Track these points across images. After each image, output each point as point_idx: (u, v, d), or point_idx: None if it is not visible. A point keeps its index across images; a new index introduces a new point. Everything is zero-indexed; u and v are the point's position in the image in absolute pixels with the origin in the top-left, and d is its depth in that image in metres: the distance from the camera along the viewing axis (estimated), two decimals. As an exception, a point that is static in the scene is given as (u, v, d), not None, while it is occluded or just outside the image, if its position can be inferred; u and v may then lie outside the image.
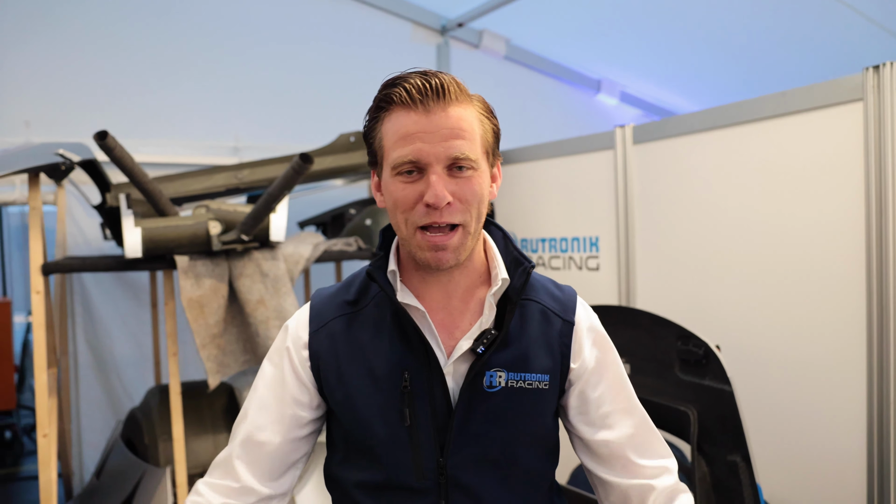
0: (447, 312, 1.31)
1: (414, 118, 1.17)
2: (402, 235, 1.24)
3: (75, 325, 4.09)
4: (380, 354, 1.29)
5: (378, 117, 1.24)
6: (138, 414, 3.42)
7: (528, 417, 1.30)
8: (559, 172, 3.44)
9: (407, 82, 1.18)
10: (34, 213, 2.73)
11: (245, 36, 4.55)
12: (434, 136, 1.17)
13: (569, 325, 1.35)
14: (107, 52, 4.17)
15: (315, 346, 1.33)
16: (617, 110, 6.14)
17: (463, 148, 1.18)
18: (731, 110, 2.67)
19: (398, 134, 1.19)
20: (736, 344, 2.62)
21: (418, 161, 1.17)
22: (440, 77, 1.19)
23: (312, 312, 1.37)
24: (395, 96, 1.19)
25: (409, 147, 1.17)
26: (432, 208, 1.17)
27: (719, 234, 2.73)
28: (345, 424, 1.32)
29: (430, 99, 1.17)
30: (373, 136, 1.26)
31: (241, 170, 3.44)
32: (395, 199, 1.21)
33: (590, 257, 3.30)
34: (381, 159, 1.25)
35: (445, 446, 1.26)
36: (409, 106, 1.18)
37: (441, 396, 1.26)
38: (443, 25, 5.18)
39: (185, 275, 2.88)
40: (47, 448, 2.76)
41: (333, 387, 1.31)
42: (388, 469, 1.27)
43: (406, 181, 1.19)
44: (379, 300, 1.34)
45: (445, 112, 1.18)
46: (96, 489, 3.46)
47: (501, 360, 1.28)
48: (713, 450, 2.12)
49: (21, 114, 3.94)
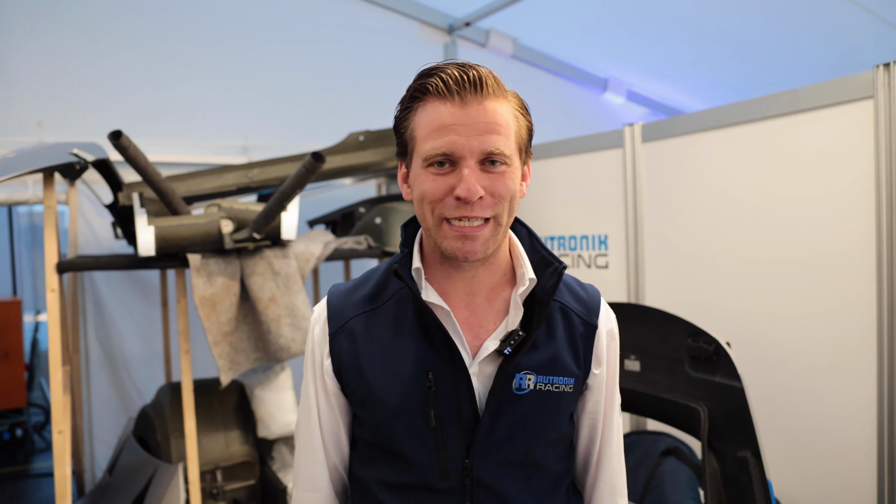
0: (471, 311, 1.27)
1: (450, 110, 1.14)
2: (428, 226, 1.20)
3: (86, 323, 4.12)
4: (402, 354, 1.25)
5: (411, 107, 1.20)
6: (150, 411, 3.45)
7: (551, 420, 1.29)
8: (568, 171, 3.45)
9: (444, 73, 1.14)
10: (49, 212, 2.76)
11: (254, 36, 4.57)
12: (469, 129, 1.13)
13: (592, 329, 1.32)
14: (117, 52, 4.20)
15: (336, 347, 1.30)
16: (624, 109, 6.15)
17: (498, 143, 1.14)
18: (741, 108, 2.68)
19: (432, 125, 1.15)
20: (745, 340, 2.63)
21: (452, 154, 1.14)
22: (478, 69, 1.15)
23: (330, 312, 1.34)
24: (430, 86, 1.15)
25: (443, 139, 1.14)
26: (463, 202, 1.14)
27: (728, 231, 2.74)
28: (367, 424, 1.30)
29: (467, 91, 1.13)
30: (404, 126, 1.22)
31: (251, 169, 3.46)
32: (423, 191, 1.17)
33: (599, 255, 3.31)
34: (412, 150, 1.21)
35: (471, 448, 1.23)
36: (445, 97, 1.14)
37: (467, 398, 1.23)
38: (450, 25, 5.20)
39: (197, 273, 2.90)
40: (62, 444, 2.78)
41: (355, 387, 1.29)
42: (412, 469, 1.25)
43: (437, 173, 1.16)
44: (400, 297, 1.30)
45: (482, 105, 1.14)
46: (109, 486, 3.49)
47: (531, 362, 1.25)
48: (723, 446, 2.13)
49: (33, 114, 3.98)
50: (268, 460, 3.42)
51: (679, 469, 2.60)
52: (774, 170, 2.57)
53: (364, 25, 4.93)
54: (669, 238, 2.98)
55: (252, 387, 3.42)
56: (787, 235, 2.53)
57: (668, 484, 2.56)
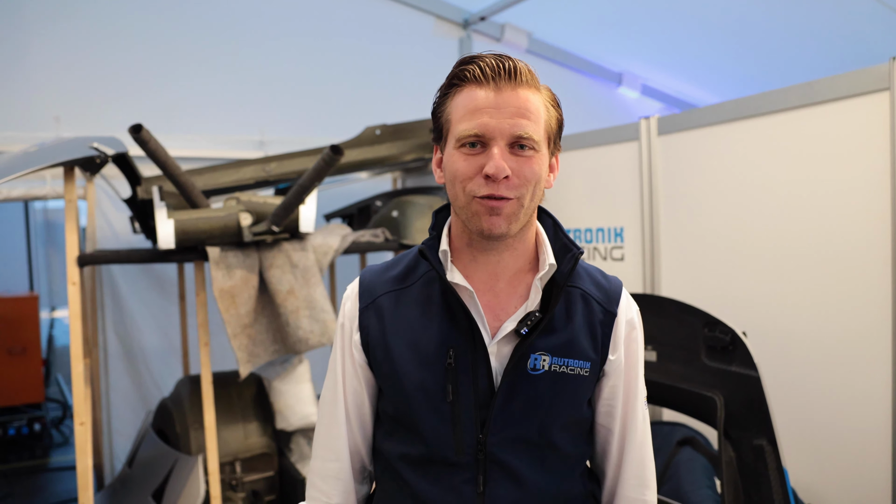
0: (494, 294, 1.33)
1: (484, 94, 1.21)
2: (459, 205, 1.26)
3: (105, 317, 4.15)
4: (426, 331, 1.31)
5: (448, 94, 1.27)
6: (169, 404, 3.48)
7: (567, 402, 1.32)
8: (584, 164, 3.45)
9: (482, 61, 1.22)
10: (70, 205, 2.78)
11: (269, 31, 4.60)
12: (501, 112, 1.20)
13: (611, 316, 1.36)
14: (133, 48, 4.24)
15: (364, 321, 1.37)
16: (638, 103, 6.14)
17: (527, 127, 1.21)
18: (757, 101, 2.68)
19: (466, 108, 1.22)
20: (761, 330, 2.63)
21: (483, 135, 1.20)
22: (514, 60, 1.23)
23: (362, 288, 1.40)
24: (468, 73, 1.22)
25: (475, 121, 1.20)
26: (491, 180, 1.19)
27: (744, 223, 2.74)
28: (390, 398, 1.35)
29: (502, 78, 1.20)
30: (441, 111, 1.29)
31: (268, 163, 3.49)
32: (455, 170, 1.24)
33: (615, 248, 3.32)
34: (447, 133, 1.27)
35: (486, 424, 1.28)
36: (482, 83, 1.21)
37: (484, 375, 1.28)
38: (465, 19, 5.21)
39: (216, 266, 2.93)
40: (84, 436, 2.81)
41: (380, 361, 1.34)
42: (429, 442, 1.30)
43: (468, 153, 1.22)
44: (428, 279, 1.36)
45: (515, 92, 1.21)
46: (129, 477, 3.52)
47: (547, 344, 1.29)
48: (740, 435, 2.13)
49: (51, 109, 4.01)
50: (286, 452, 3.45)
51: (695, 458, 2.61)
52: (789, 162, 2.57)
53: (379, 20, 4.95)
54: (685, 230, 2.99)
55: (270, 379, 3.45)
56: (802, 227, 2.53)
57: (684, 473, 2.57)
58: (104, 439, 4.15)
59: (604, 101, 5.97)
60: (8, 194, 3.85)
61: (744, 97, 2.73)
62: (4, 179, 2.37)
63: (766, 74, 5.57)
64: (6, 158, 2.68)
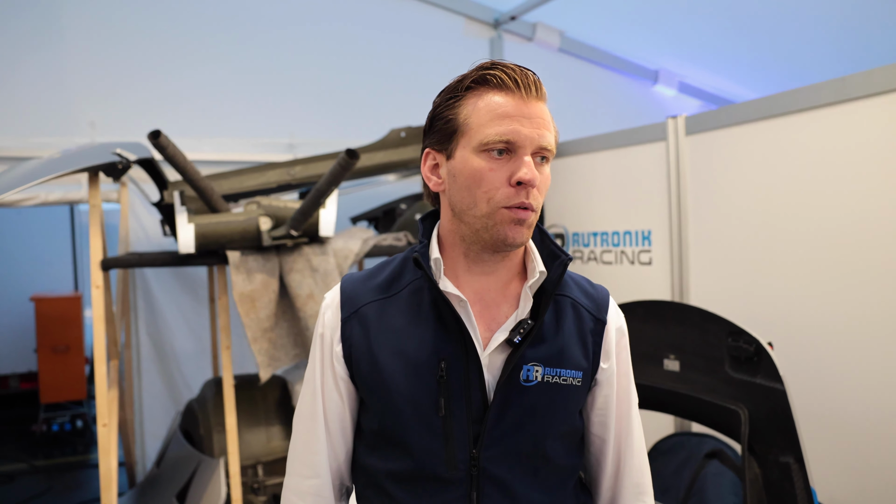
0: (484, 304, 1.30)
1: (513, 101, 1.19)
2: (477, 213, 1.22)
3: (137, 319, 4.21)
4: (416, 342, 1.28)
5: (462, 96, 1.24)
6: (195, 405, 3.51)
7: (560, 413, 1.30)
8: (610, 165, 3.38)
9: (507, 68, 1.21)
10: (94, 210, 2.82)
11: (299, 34, 4.62)
12: (531, 122, 1.19)
13: (601, 325, 1.35)
14: (167, 55, 4.30)
15: (347, 332, 1.33)
16: (675, 101, 6.01)
17: (550, 140, 1.21)
18: (787, 98, 2.57)
19: (494, 112, 1.19)
20: (794, 339, 2.53)
21: (514, 142, 1.18)
22: (533, 72, 1.23)
23: (343, 297, 1.36)
24: (492, 78, 1.20)
25: (507, 126, 1.18)
26: (523, 188, 1.18)
27: (775, 226, 2.64)
28: (376, 412, 1.31)
29: (529, 88, 1.20)
30: (451, 112, 1.24)
31: (293, 166, 3.49)
32: (479, 177, 1.20)
33: (642, 251, 3.24)
34: (460, 137, 1.23)
35: (479, 438, 1.25)
36: (509, 89, 1.20)
37: (477, 388, 1.25)
38: (496, 19, 5.16)
39: (236, 270, 2.94)
40: (107, 437, 2.85)
41: (366, 374, 1.30)
42: (419, 458, 1.27)
43: (495, 159, 1.20)
44: (414, 287, 1.33)
45: (538, 104, 1.21)
46: (156, 478, 3.57)
47: (538, 354, 1.27)
48: (765, 450, 2.05)
49: (86, 115, 4.09)
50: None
51: (723, 473, 2.52)
52: (823, 161, 2.46)
53: (409, 21, 4.93)
54: (714, 233, 2.89)
55: (293, 382, 3.45)
56: (835, 230, 2.42)
57: (711, 488, 2.49)
58: (137, 439, 4.22)
59: (639, 100, 5.86)
60: (45, 198, 3.93)
61: (773, 94, 2.63)
62: (25, 186, 2.41)
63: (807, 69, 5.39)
64: (32, 164, 2.72)
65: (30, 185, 2.47)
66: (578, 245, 3.60)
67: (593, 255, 3.50)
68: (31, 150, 3.71)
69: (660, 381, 2.39)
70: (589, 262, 3.53)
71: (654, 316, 2.44)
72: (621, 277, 3.33)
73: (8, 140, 3.86)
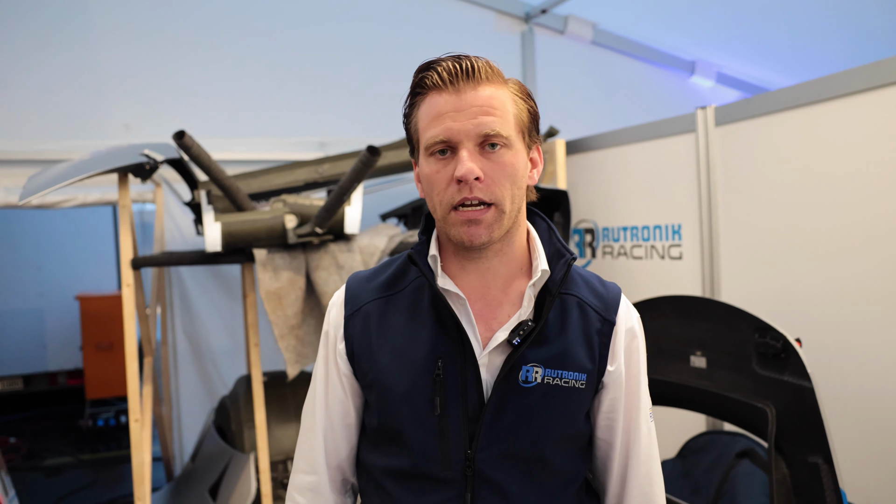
0: (485, 303, 1.28)
1: (445, 98, 1.18)
2: (438, 217, 1.23)
3: (174, 316, 4.28)
4: (414, 340, 1.28)
5: (414, 103, 1.25)
6: (227, 402, 3.56)
7: (561, 416, 1.27)
8: (639, 158, 3.33)
9: (439, 66, 1.19)
10: (123, 210, 2.87)
11: (328, 31, 4.63)
12: (464, 114, 1.16)
13: (609, 325, 1.31)
14: (198, 57, 4.35)
15: (350, 329, 1.33)
16: (713, 92, 5.88)
17: (493, 125, 1.17)
18: (820, 85, 2.49)
19: (430, 115, 1.19)
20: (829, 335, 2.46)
21: (449, 140, 1.17)
22: (472, 59, 1.19)
23: (347, 295, 1.37)
24: (427, 80, 1.20)
25: (439, 126, 1.17)
26: (463, 183, 1.16)
27: (807, 218, 2.56)
28: (376, 409, 1.32)
29: (460, 79, 1.17)
30: (410, 123, 1.26)
31: (321, 164, 3.51)
32: (429, 181, 1.21)
33: (672, 245, 3.18)
34: (417, 144, 1.25)
35: (475, 439, 1.24)
36: (442, 88, 1.18)
37: (474, 387, 1.24)
38: (526, 13, 5.10)
39: (263, 268, 2.96)
40: (139, 432, 2.90)
41: (366, 370, 1.31)
42: (415, 456, 1.26)
43: (439, 160, 1.19)
44: (417, 285, 1.33)
45: (475, 91, 1.18)
46: (191, 472, 3.63)
47: (539, 355, 1.25)
48: (793, 450, 1.99)
49: (121, 117, 4.17)
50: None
51: (753, 472, 2.47)
52: (859, 151, 2.38)
53: (439, 17, 4.91)
54: (746, 226, 2.82)
55: (323, 379, 3.47)
56: (870, 224, 2.34)
57: (741, 488, 2.44)
58: (174, 434, 4.29)
59: (675, 93, 5.74)
60: (84, 199, 4.02)
61: (807, 81, 2.55)
62: (55, 187, 2.46)
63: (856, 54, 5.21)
64: (63, 167, 2.78)
65: (59, 186, 2.52)
66: (608, 240, 3.55)
67: (623, 249, 3.45)
68: (67, 152, 3.78)
69: (686, 378, 2.35)
70: (619, 257, 3.48)
71: (679, 312, 2.40)
72: (652, 272, 3.28)
73: (45, 143, 3.95)
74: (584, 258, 3.70)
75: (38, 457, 5.72)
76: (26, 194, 2.47)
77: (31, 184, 2.61)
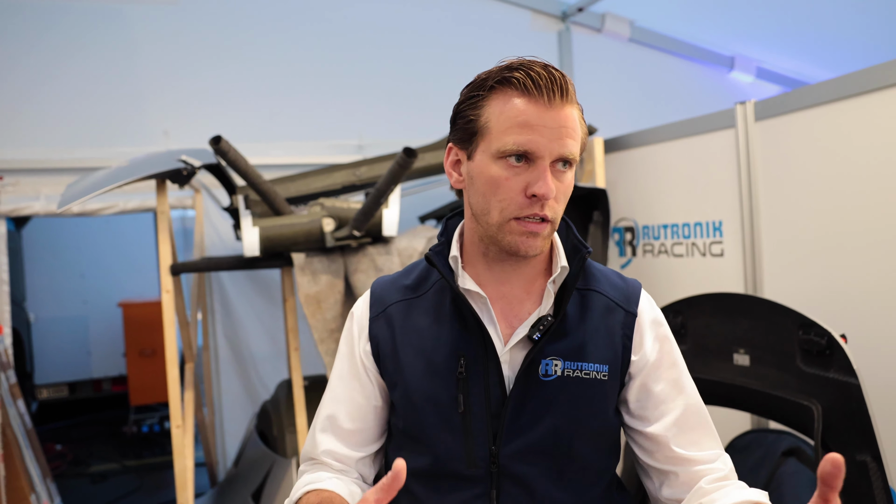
0: (507, 301, 1.30)
1: (535, 108, 1.15)
2: (491, 221, 1.21)
3: (215, 321, 4.32)
4: (437, 340, 1.29)
5: (485, 95, 1.21)
6: (269, 406, 3.58)
7: (584, 409, 1.26)
8: (679, 155, 3.27)
9: (532, 70, 1.16)
10: (162, 217, 2.90)
11: (364, 34, 4.64)
12: (552, 131, 1.15)
13: (631, 317, 1.32)
14: (235, 61, 4.40)
15: (374, 331, 1.35)
16: (753, 88, 5.78)
17: (573, 148, 1.18)
18: (861, 77, 2.42)
19: (515, 119, 1.16)
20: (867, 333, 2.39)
21: (532, 152, 1.16)
22: (563, 73, 1.18)
23: (373, 298, 1.39)
24: (516, 80, 1.16)
25: (525, 136, 1.15)
26: (537, 200, 1.16)
27: (851, 213, 2.49)
28: (399, 409, 1.33)
29: (553, 93, 1.15)
30: (473, 112, 1.22)
31: (358, 167, 3.51)
32: (495, 185, 1.19)
33: (713, 243, 3.12)
34: (479, 139, 1.21)
35: (498, 435, 1.24)
36: (532, 94, 1.16)
37: (496, 384, 1.25)
38: (563, 11, 5.07)
39: (301, 272, 2.97)
40: (181, 438, 2.92)
41: (390, 371, 1.33)
42: (439, 455, 1.27)
43: (511, 167, 1.17)
44: (440, 287, 1.35)
45: (563, 110, 1.17)
46: (234, 478, 3.65)
47: (558, 348, 1.26)
48: (840, 448, 1.93)
49: (160, 124, 4.23)
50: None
51: (800, 471, 2.40)
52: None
53: (475, 18, 4.90)
54: (788, 222, 2.76)
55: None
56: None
57: (787, 488, 2.38)
58: (217, 439, 4.33)
59: (714, 89, 5.65)
60: (124, 206, 4.09)
61: (850, 73, 2.47)
62: (93, 194, 2.49)
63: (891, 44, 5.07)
64: (101, 174, 2.82)
65: (97, 193, 2.55)
66: (649, 238, 3.49)
67: (664, 247, 3.39)
68: (106, 160, 3.84)
69: (729, 377, 2.30)
70: (660, 256, 3.42)
71: (721, 309, 2.35)
72: (693, 270, 3.22)
73: (84, 151, 4.02)
74: (625, 257, 3.65)
75: (85, 463, 5.81)
76: (65, 202, 2.51)
77: (69, 192, 2.65)
